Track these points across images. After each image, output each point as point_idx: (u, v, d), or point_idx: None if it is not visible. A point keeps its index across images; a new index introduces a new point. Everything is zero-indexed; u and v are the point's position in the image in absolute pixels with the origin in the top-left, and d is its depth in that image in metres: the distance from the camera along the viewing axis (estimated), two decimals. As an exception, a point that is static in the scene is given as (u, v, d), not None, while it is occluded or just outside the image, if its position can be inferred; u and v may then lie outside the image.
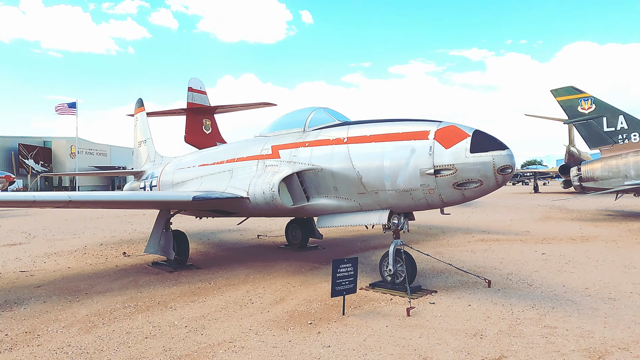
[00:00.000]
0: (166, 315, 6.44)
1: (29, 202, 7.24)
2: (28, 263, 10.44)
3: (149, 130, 15.51)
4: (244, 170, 9.28)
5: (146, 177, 13.22)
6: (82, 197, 7.88)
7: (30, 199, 7.22)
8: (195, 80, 23.50)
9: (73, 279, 8.74)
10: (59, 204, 7.82)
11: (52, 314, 6.52)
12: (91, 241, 13.95)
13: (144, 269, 9.57)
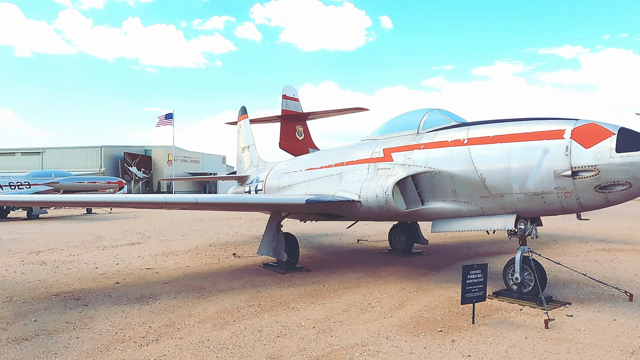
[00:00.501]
0: (291, 315, 6.55)
1: (161, 203, 7.79)
2: (150, 261, 11.21)
3: (252, 136, 16.12)
4: (353, 173, 9.27)
5: (251, 182, 13.72)
6: (206, 200, 8.33)
7: (163, 200, 7.75)
8: (289, 88, 24.13)
9: (194, 277, 9.22)
10: (186, 206, 8.32)
11: (184, 309, 6.88)
12: (200, 242, 14.72)
13: (257, 270, 9.87)
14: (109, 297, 7.68)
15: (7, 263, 11.22)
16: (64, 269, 10.24)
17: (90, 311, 6.81)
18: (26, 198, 8.77)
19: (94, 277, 9.38)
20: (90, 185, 31.03)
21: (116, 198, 8.46)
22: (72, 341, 5.54)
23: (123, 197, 8.39)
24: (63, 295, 7.82)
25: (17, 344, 5.46)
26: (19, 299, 7.62)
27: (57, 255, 12.45)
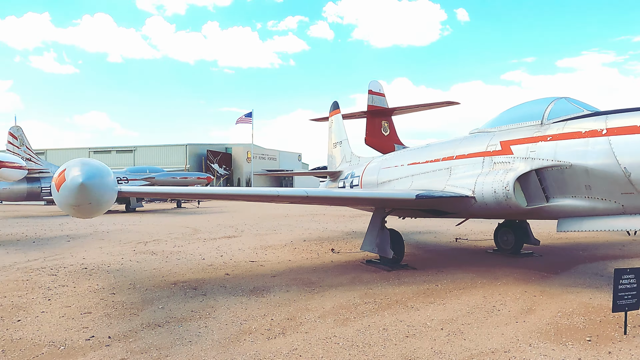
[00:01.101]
0: (412, 315, 6.25)
1: (273, 196, 7.83)
2: (251, 254, 11.40)
3: (345, 131, 15.99)
4: (465, 167, 8.77)
5: (345, 177, 13.58)
6: (317, 193, 8.27)
7: (275, 193, 7.79)
8: (374, 83, 23.75)
9: (300, 271, 9.20)
10: (296, 199, 8.32)
11: (300, 303, 6.82)
12: (293, 237, 14.83)
13: (360, 267, 9.67)
14: (224, 287, 7.82)
15: (121, 252, 11.93)
16: (174, 259, 10.67)
17: (210, 301, 6.95)
18: (163, 190, 9.12)
19: (203, 267, 9.66)
20: (182, 181, 32.68)
21: (234, 191, 8.66)
22: (202, 330, 5.63)
23: (240, 190, 8.59)
24: (180, 284, 8.09)
25: (152, 330, 5.64)
26: (141, 286, 7.98)
27: (163, 246, 13.07)
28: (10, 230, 18.70)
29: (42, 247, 12.96)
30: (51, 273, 9.17)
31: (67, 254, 11.74)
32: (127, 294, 7.39)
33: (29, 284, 8.27)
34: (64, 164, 5.66)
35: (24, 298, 7.23)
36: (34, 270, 9.52)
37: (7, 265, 10.07)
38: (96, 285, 8.10)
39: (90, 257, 11.06)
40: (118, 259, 10.84)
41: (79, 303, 6.89)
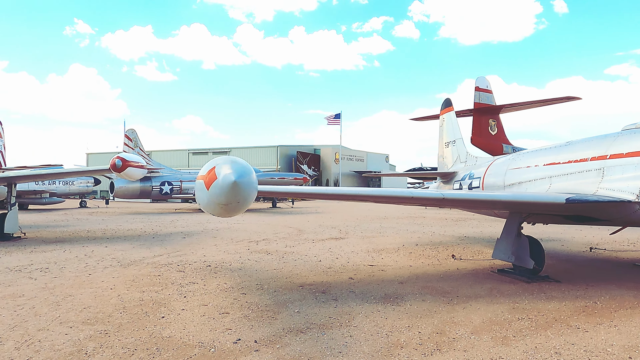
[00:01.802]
0: (582, 337, 5.41)
1: (407, 197, 7.35)
2: (366, 257, 10.98)
3: (459, 130, 15.11)
4: (624, 168, 7.64)
5: (461, 178, 12.72)
6: (453, 196, 7.66)
7: (409, 195, 7.30)
8: (482, 79, 22.40)
9: (427, 278, 8.60)
10: (431, 201, 7.78)
11: (443, 315, 6.23)
12: (402, 240, 14.23)
13: (491, 276, 8.85)
14: (353, 293, 7.45)
15: (237, 250, 12.09)
16: (290, 260, 10.55)
17: (344, 307, 6.59)
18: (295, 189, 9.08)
19: (323, 270, 9.40)
20: (280, 181, 33.36)
21: (365, 192, 8.31)
22: (348, 340, 5.26)
23: (374, 191, 8.24)
24: (307, 287, 7.85)
25: (296, 336, 5.38)
26: (268, 287, 7.85)
27: (274, 245, 13.10)
28: (130, 225, 20.04)
29: (163, 243, 13.57)
30: (179, 269, 9.41)
31: (187, 250, 12.12)
32: (258, 295, 7.27)
33: (161, 279, 8.50)
34: (210, 162, 5.58)
35: (161, 294, 7.38)
36: (162, 265, 9.85)
37: (137, 260, 10.55)
38: (224, 284, 8.11)
39: (210, 255, 11.30)
40: (236, 257, 10.95)
41: (214, 302, 6.86)
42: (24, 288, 7.79)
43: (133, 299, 7.04)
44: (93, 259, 10.68)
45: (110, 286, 7.93)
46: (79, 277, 8.72)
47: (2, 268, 9.57)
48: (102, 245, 13.13)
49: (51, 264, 10.11)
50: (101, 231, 17.48)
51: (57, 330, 5.57)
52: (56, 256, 11.15)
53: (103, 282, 8.24)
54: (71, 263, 10.16)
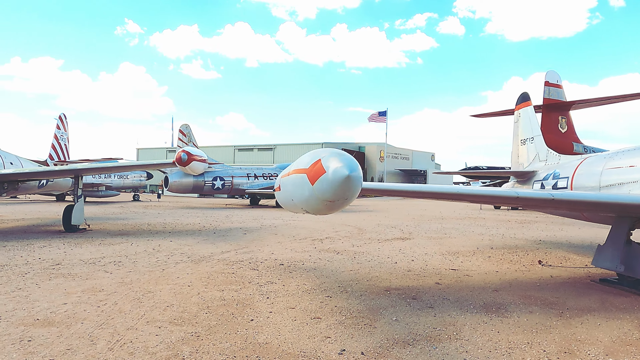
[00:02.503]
0: None
1: (512, 197, 6.67)
2: (444, 261, 10.31)
3: (538, 126, 14.13)
4: None
5: (543, 178, 11.78)
6: (565, 196, 6.90)
7: (514, 195, 6.62)
8: (552, 74, 21.09)
9: (522, 286, 7.86)
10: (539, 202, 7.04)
11: (561, 331, 5.53)
12: (474, 243, 13.43)
13: (594, 286, 8.00)
14: (447, 300, 6.83)
15: (304, 249, 11.69)
16: (364, 261, 10.03)
17: (444, 317, 5.99)
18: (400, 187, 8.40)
19: (403, 273, 8.82)
20: None
21: (472, 191, 7.68)
22: (465, 356, 4.66)
23: (472, 189, 7.56)
24: (394, 291, 7.30)
25: (404, 348, 4.83)
26: (352, 290, 7.35)
27: (339, 244, 12.61)
28: (187, 220, 20.10)
29: (226, 239, 13.35)
30: (252, 267, 9.07)
31: (253, 247, 11.82)
32: (345, 299, 6.78)
33: (236, 277, 8.16)
34: (310, 154, 5.10)
35: (241, 293, 7.02)
36: (233, 262, 9.55)
37: (207, 256, 10.31)
38: (304, 285, 7.68)
39: (278, 253, 10.94)
40: (306, 256, 10.53)
41: (300, 305, 6.42)
42: (101, 282, 7.63)
43: (214, 298, 6.70)
44: (162, 254, 10.53)
45: (187, 283, 7.66)
46: (153, 272, 8.52)
47: (77, 260, 9.52)
48: (166, 240, 13.05)
49: (122, 257, 10.01)
50: (161, 225, 17.56)
51: (147, 330, 5.27)
52: (125, 249, 11.09)
53: (179, 279, 7.98)
54: (142, 257, 10.03)
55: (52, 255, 10.15)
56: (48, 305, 6.21)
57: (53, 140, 21.54)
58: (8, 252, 10.48)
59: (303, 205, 5.40)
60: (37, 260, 9.42)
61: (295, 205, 5.83)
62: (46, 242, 12.24)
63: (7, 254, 10.16)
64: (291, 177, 5.54)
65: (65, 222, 14.52)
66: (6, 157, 15.66)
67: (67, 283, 7.54)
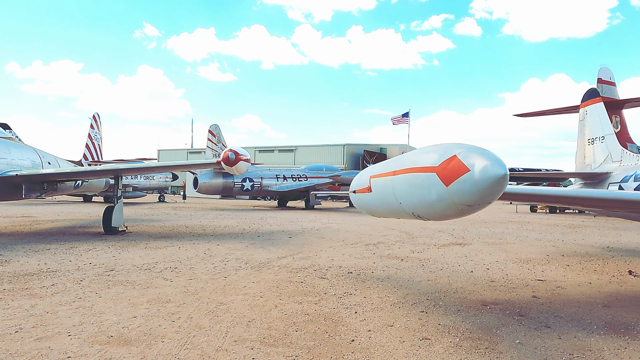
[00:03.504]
0: None
1: None
2: (521, 270, 9.46)
3: (609, 124, 13.19)
4: None
5: (620, 180, 10.86)
6: None
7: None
8: (605, 70, 19.99)
9: (630, 301, 6.99)
10: None
11: None
12: (539, 249, 12.54)
13: None
14: (560, 317, 6.00)
15: (362, 254, 10.95)
16: (435, 269, 9.24)
17: (570, 338, 5.18)
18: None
19: (486, 283, 8.01)
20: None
21: (591, 193, 6.86)
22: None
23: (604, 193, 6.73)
24: (492, 305, 6.50)
25: (551, 381, 4.05)
26: (444, 303, 6.58)
27: (397, 250, 11.84)
28: (222, 222, 19.52)
29: (274, 243, 12.68)
30: (319, 275, 8.36)
31: (306, 252, 11.12)
32: (442, 315, 6.01)
33: (307, 287, 7.46)
34: (436, 148, 4.34)
35: (323, 306, 6.30)
36: (296, 270, 8.85)
37: (264, 262, 9.63)
38: (387, 297, 6.93)
39: (338, 259, 10.22)
40: (369, 263, 9.78)
41: (398, 322, 5.67)
42: (165, 291, 7.00)
43: (296, 312, 6.00)
44: (216, 259, 9.88)
45: (257, 293, 6.98)
46: (215, 279, 7.87)
47: (130, 266, 8.93)
48: (212, 243, 12.43)
49: (176, 262, 9.39)
50: (199, 227, 16.99)
51: (239, 352, 4.58)
52: (175, 254, 10.48)
53: (246, 288, 7.31)
54: (197, 263, 9.39)
55: (102, 259, 9.58)
56: (117, 319, 5.58)
57: (87, 139, 21.18)
58: (55, 256, 9.95)
59: (419, 210, 4.65)
60: (89, 266, 8.85)
61: (401, 210, 5.09)
62: (90, 245, 11.71)
63: (54, 258, 9.62)
64: (402, 177, 4.80)
65: (105, 224, 14.01)
66: (44, 156, 15.25)
67: (128, 292, 6.92)
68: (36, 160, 14.50)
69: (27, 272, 8.16)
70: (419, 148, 4.99)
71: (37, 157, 14.68)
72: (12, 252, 10.34)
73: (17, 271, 8.25)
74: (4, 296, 6.55)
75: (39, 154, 14.94)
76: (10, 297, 6.53)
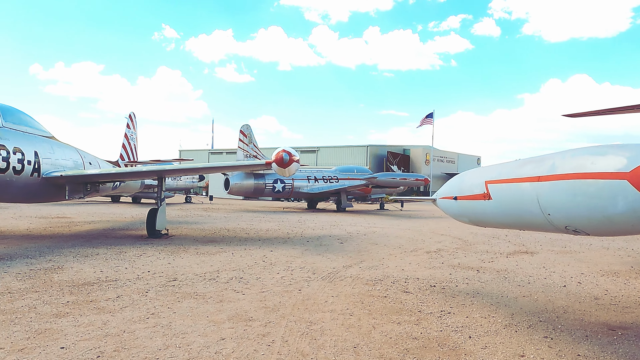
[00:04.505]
0: None
1: None
2: (615, 284, 8.57)
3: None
4: None
5: None
6: None
7: None
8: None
9: None
10: None
11: None
12: (616, 260, 11.59)
13: None
14: None
15: (429, 264, 10.18)
16: (521, 282, 8.42)
17: None
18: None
19: (591, 301, 7.16)
20: (402, 182, 31.34)
21: None
22: None
23: None
24: (619, 330, 5.67)
25: None
26: (564, 327, 5.77)
27: (463, 258, 11.04)
28: (263, 225, 18.90)
29: (328, 249, 11.98)
30: (401, 289, 7.61)
31: (370, 260, 10.38)
32: (571, 342, 5.21)
33: (394, 303, 6.72)
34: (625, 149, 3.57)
35: (428, 329, 5.56)
36: (372, 281, 8.12)
37: (331, 272, 8.93)
38: (490, 316, 6.15)
39: (408, 269, 9.46)
40: (445, 275, 9.00)
41: (526, 351, 4.89)
42: (241, 306, 6.34)
43: (400, 335, 5.27)
44: (278, 267, 9.22)
45: (343, 310, 6.27)
46: (289, 292, 7.19)
47: (191, 275, 8.32)
48: (263, 248, 11.77)
49: (238, 271, 8.75)
50: (241, 230, 16.39)
51: (366, 390, 3.86)
52: (232, 261, 9.86)
53: (328, 303, 6.61)
54: (260, 272, 8.74)
55: (158, 267, 8.99)
56: (204, 342, 4.93)
57: (123, 139, 20.83)
58: (107, 262, 9.40)
59: (583, 224, 3.88)
60: (148, 275, 8.25)
61: (544, 222, 4.33)
62: (139, 250, 11.16)
63: (108, 265, 9.07)
64: (558, 184, 4.02)
65: (149, 227, 13.48)
66: (85, 156, 14.81)
67: (202, 307, 6.27)
68: (78, 160, 14.05)
69: (86, 281, 7.60)
70: (574, 149, 4.21)
71: (79, 157, 14.24)
72: (62, 257, 9.83)
73: (74, 280, 7.69)
74: (70, 310, 5.97)
75: (80, 153, 14.50)
76: (77, 311, 5.94)
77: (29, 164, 11.54)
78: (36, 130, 12.63)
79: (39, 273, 8.19)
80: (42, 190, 12.25)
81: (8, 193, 11.32)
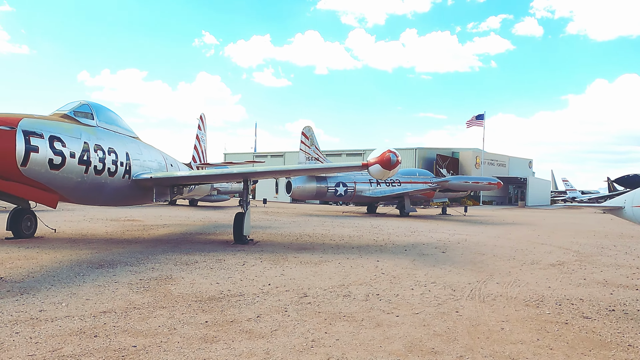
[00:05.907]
0: None
1: None
2: None
3: None
4: None
5: None
6: None
7: None
8: None
9: None
10: None
11: None
12: None
13: None
14: None
15: (572, 280, 8.92)
16: None
17: None
18: None
19: None
20: (474, 185, 29.88)
21: None
22: None
23: None
24: None
25: None
26: None
27: (602, 274, 9.69)
28: (341, 231, 17.98)
29: (438, 259, 10.87)
30: (578, 314, 6.43)
31: (499, 275, 9.20)
32: None
33: (585, 332, 5.59)
34: None
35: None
36: (531, 303, 6.98)
37: (469, 289, 7.83)
38: None
39: (555, 287, 8.26)
40: (604, 294, 7.75)
41: None
42: (408, 332, 5.37)
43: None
44: (406, 282, 8.22)
45: (533, 340, 5.20)
46: (447, 314, 6.16)
47: (318, 289, 7.42)
48: (365, 258, 10.78)
49: (365, 286, 7.82)
50: (321, 237, 15.50)
51: None
52: (348, 273, 8.95)
53: (505, 331, 5.54)
54: (391, 287, 7.76)
55: (275, 279, 8.16)
56: (407, 383, 3.95)
57: (195, 141, 20.42)
58: (214, 271, 8.66)
59: None
60: (273, 288, 7.42)
61: None
62: (235, 257, 10.41)
63: (218, 275, 8.32)
64: None
65: (236, 233, 12.75)
66: (167, 158, 14.31)
67: (364, 332, 5.34)
68: (162, 162, 13.55)
69: (210, 296, 6.82)
70: None
71: (162, 158, 13.74)
72: (162, 265, 9.19)
73: (195, 293, 6.93)
74: (216, 333, 5.15)
75: (163, 155, 14.00)
76: (225, 334, 5.12)
77: (121, 165, 11.03)
78: (125, 131, 12.16)
79: (151, 284, 7.50)
80: (131, 192, 11.74)
81: (102, 195, 10.83)
